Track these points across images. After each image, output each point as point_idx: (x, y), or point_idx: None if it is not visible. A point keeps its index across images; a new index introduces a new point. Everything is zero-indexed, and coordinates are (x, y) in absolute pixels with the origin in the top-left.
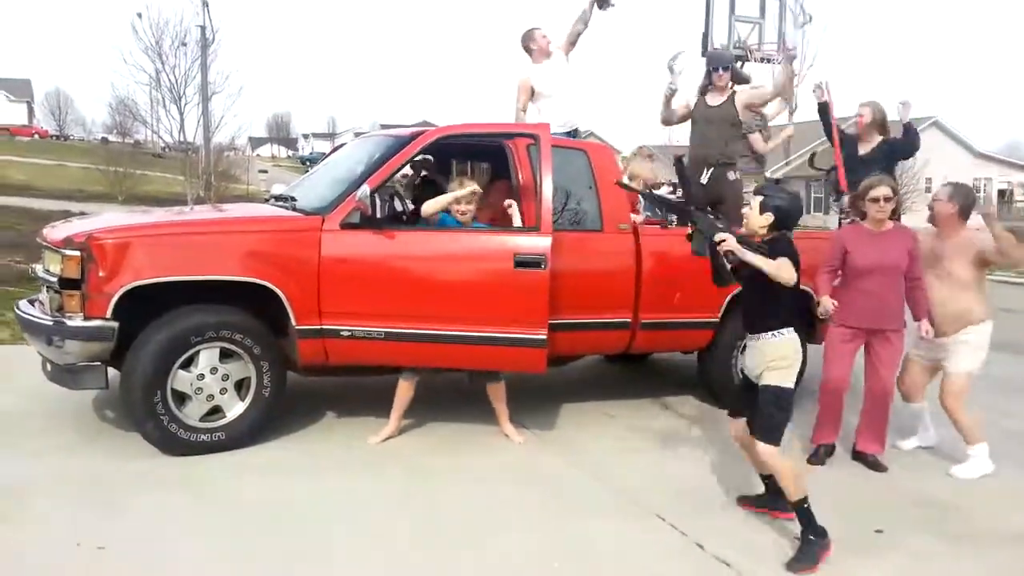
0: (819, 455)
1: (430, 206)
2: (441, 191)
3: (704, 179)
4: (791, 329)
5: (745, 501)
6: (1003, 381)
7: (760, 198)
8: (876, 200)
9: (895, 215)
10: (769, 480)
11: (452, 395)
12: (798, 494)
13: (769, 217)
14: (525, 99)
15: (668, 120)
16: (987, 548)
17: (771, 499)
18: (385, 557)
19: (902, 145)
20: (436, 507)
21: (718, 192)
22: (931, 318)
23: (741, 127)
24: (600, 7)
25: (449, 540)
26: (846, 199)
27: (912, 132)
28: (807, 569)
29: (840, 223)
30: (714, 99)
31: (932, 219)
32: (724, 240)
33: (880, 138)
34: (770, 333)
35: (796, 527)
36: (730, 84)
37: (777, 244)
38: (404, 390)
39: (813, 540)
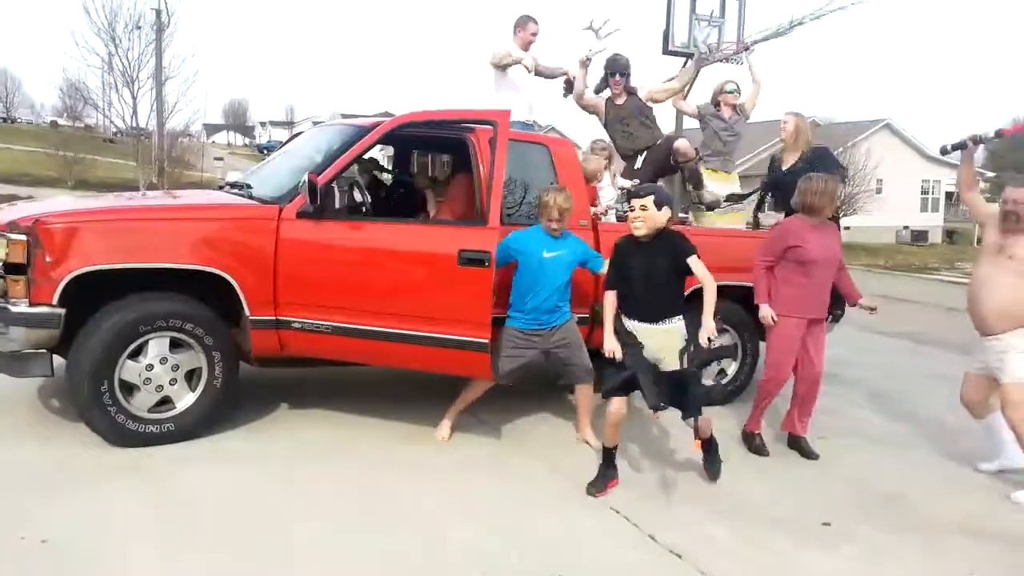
0: (762, 446)
1: None
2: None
3: (638, 164)
4: None
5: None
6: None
7: (651, 197)
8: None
9: (835, 216)
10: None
11: (415, 388)
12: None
13: (667, 210)
14: (508, 60)
15: (580, 96)
16: (932, 538)
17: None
18: (341, 550)
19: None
20: (392, 499)
21: (662, 163)
22: (978, 315)
23: (649, 117)
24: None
25: (405, 532)
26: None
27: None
28: (600, 492)
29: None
30: (619, 99)
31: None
32: (706, 338)
33: (800, 152)
34: (678, 317)
35: (750, 518)
36: (624, 90)
37: (685, 240)
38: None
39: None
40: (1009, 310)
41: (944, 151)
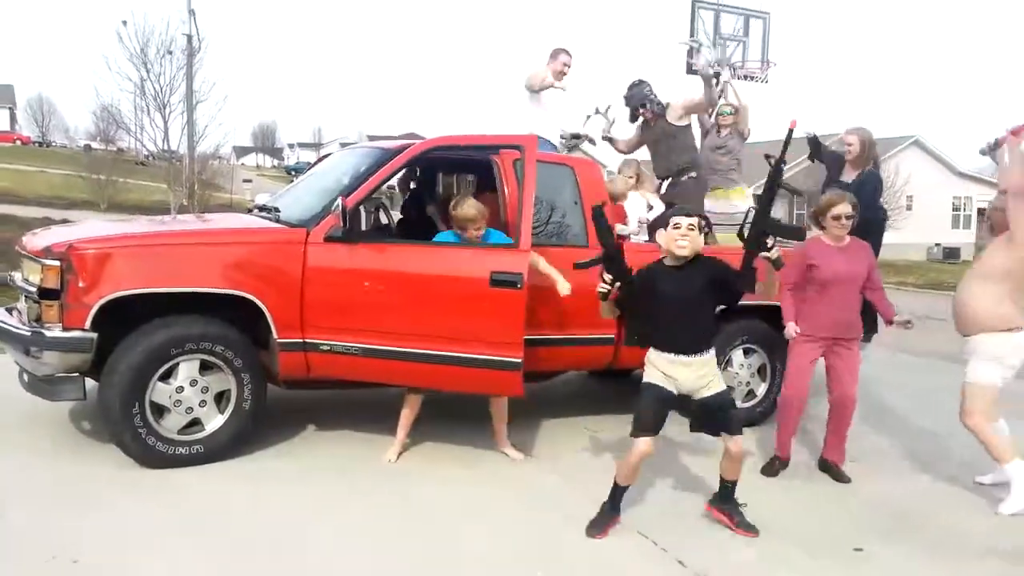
0: (774, 467)
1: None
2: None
3: (663, 189)
4: None
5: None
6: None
7: (694, 219)
8: (837, 218)
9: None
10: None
11: (437, 407)
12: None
13: (710, 235)
14: (544, 84)
15: (623, 151)
16: (953, 557)
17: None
18: (368, 567)
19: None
20: (415, 515)
21: (683, 196)
22: (957, 316)
23: (679, 137)
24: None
25: (430, 548)
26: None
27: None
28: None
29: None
30: (655, 123)
31: (991, 228)
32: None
33: (861, 170)
34: (713, 350)
35: (776, 543)
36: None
37: (720, 261)
38: (410, 404)
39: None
40: (969, 316)
41: (983, 152)
